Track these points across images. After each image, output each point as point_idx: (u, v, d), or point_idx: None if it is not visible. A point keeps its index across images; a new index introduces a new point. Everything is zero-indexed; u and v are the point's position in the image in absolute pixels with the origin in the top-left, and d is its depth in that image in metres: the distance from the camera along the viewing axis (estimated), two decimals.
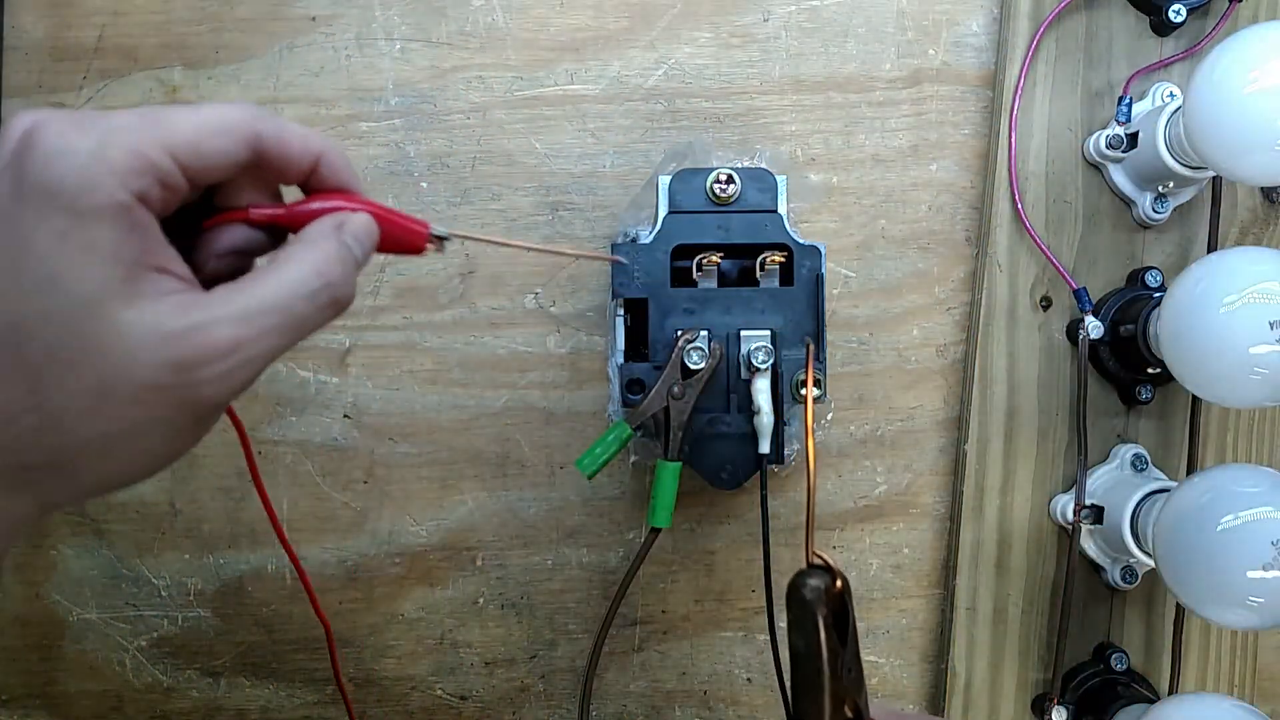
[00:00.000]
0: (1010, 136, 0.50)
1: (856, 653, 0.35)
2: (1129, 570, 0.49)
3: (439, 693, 0.52)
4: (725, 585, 0.52)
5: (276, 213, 0.29)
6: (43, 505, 0.27)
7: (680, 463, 0.44)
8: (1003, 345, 0.51)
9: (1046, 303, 0.51)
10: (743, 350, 0.45)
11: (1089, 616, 0.51)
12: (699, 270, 0.46)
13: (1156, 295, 0.48)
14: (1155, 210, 0.50)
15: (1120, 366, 0.50)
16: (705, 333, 0.44)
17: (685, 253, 0.45)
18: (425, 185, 0.51)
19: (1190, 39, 0.51)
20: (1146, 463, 0.50)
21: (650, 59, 0.52)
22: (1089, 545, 0.50)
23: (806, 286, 0.46)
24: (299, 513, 0.51)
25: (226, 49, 0.51)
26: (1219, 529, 0.40)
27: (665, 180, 0.46)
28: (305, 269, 0.28)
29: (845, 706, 0.33)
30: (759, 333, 0.45)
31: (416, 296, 0.51)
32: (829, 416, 0.51)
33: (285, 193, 0.31)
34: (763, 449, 0.45)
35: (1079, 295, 0.49)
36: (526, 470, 0.51)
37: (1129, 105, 0.49)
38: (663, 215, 0.45)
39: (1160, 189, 0.49)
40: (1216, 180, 0.50)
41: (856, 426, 0.52)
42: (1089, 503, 0.48)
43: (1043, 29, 0.50)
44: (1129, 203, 0.51)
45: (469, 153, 0.51)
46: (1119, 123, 0.49)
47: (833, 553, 0.52)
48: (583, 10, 0.51)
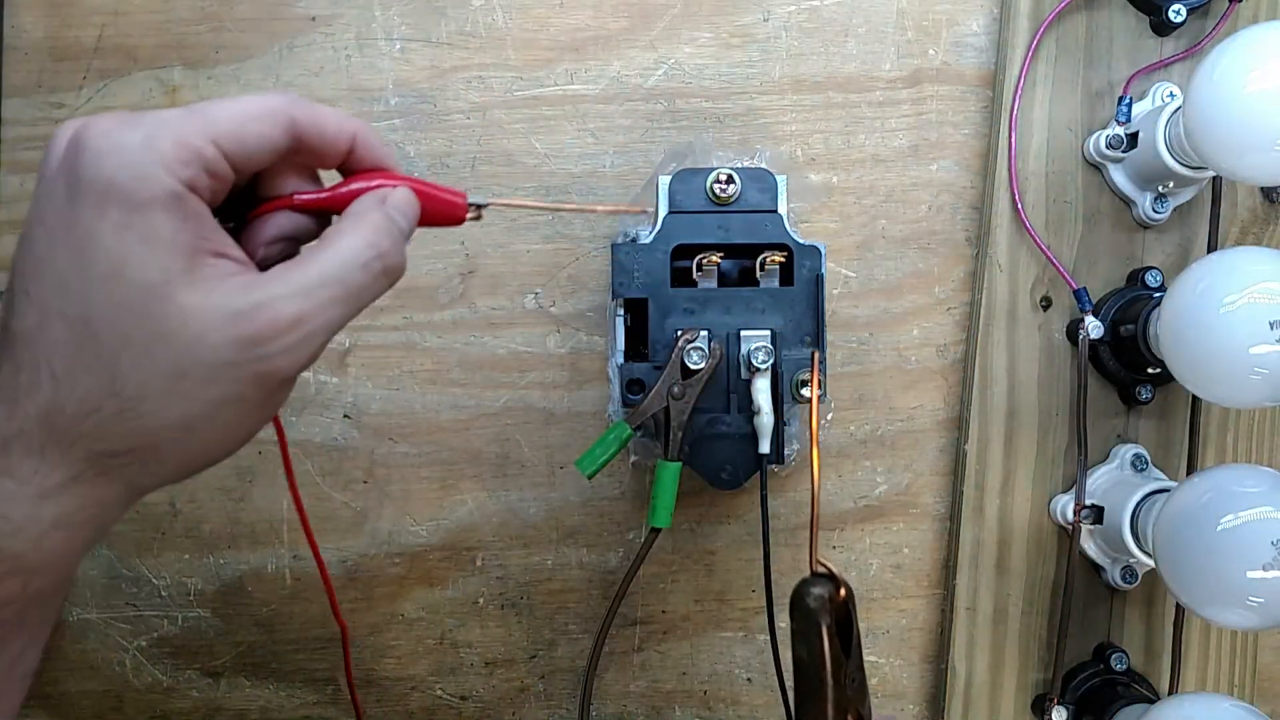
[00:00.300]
0: (1010, 136, 0.50)
1: (860, 662, 0.35)
2: (1129, 570, 0.49)
3: (439, 693, 0.52)
4: (725, 585, 0.52)
5: (320, 196, 0.31)
6: (132, 489, 0.28)
7: (680, 463, 0.44)
8: (1003, 345, 0.51)
9: (1046, 303, 0.51)
10: (743, 350, 0.45)
11: (1089, 616, 0.51)
12: (699, 270, 0.46)
13: (1157, 295, 0.48)
14: (1155, 210, 0.50)
15: (1120, 366, 0.50)
16: (705, 333, 0.44)
17: (685, 253, 0.45)
18: None
19: (1190, 39, 0.51)
20: (1146, 463, 0.50)
21: (650, 59, 0.52)
22: (1089, 545, 0.50)
23: (806, 286, 0.46)
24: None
25: (226, 49, 0.51)
26: (1219, 529, 0.40)
27: (665, 180, 0.46)
28: (357, 241, 0.29)
29: (848, 715, 0.33)
30: (759, 333, 0.45)
31: (416, 296, 0.51)
32: (829, 417, 0.51)
33: (324, 179, 0.32)
34: (763, 449, 0.45)
35: (1079, 295, 0.49)
36: (526, 470, 0.51)
37: (1129, 105, 0.49)
38: (663, 215, 0.45)
39: (1160, 189, 0.49)
40: (1217, 180, 0.50)
41: (857, 426, 0.52)
42: (1089, 503, 0.48)
43: (1043, 29, 0.50)
44: (1129, 202, 0.50)
45: (469, 153, 0.51)
46: (1119, 123, 0.49)
47: (832, 553, 0.52)
48: (582, 10, 0.51)
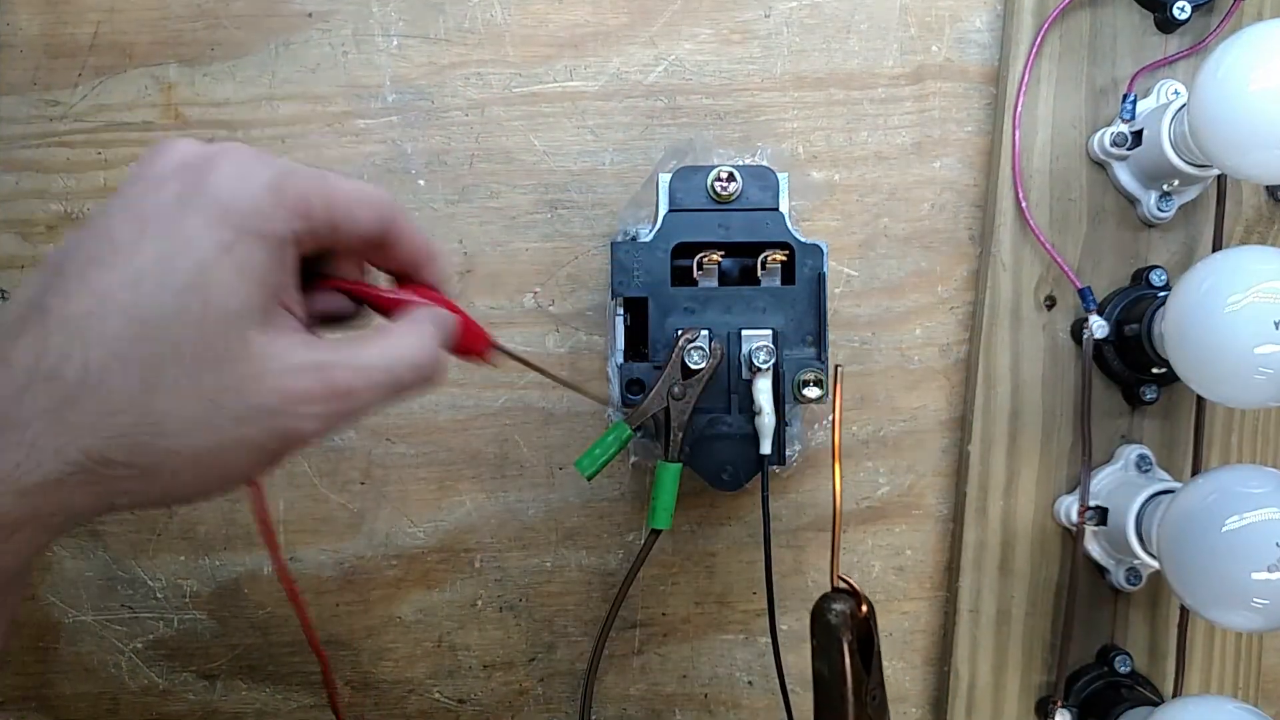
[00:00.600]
0: (1014, 134, 0.49)
1: (880, 678, 0.34)
2: (1133, 572, 0.49)
3: (437, 696, 0.51)
4: (726, 587, 0.52)
5: (389, 296, 0.33)
6: (107, 505, 0.27)
7: (680, 464, 0.44)
8: (1006, 345, 0.50)
9: (1051, 302, 0.50)
10: (744, 350, 0.44)
11: (1093, 619, 0.50)
12: (700, 269, 0.45)
13: (1161, 294, 0.48)
14: (1160, 208, 0.49)
15: (1125, 366, 0.49)
16: (706, 332, 0.44)
17: (686, 251, 0.45)
18: (423, 183, 0.51)
19: (1195, 36, 0.50)
20: (1151, 463, 0.50)
21: (650, 55, 0.51)
22: (1093, 547, 0.50)
23: (808, 285, 0.45)
24: (295, 514, 0.51)
25: (222, 46, 0.51)
26: (1224, 530, 0.40)
27: (665, 178, 0.45)
28: (414, 343, 0.31)
29: None
30: (760, 332, 0.45)
31: None
32: (830, 417, 0.51)
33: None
34: (764, 450, 0.44)
35: (1083, 294, 0.48)
36: (525, 471, 0.51)
37: (1133, 103, 0.49)
38: (663, 213, 0.45)
39: (1165, 187, 0.49)
40: (1221, 178, 0.49)
41: (859, 427, 0.52)
42: (1093, 504, 0.48)
43: (1047, 25, 0.49)
44: (1134, 201, 0.50)
45: (467, 150, 0.51)
46: (1123, 120, 0.49)
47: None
48: (582, 6, 0.51)
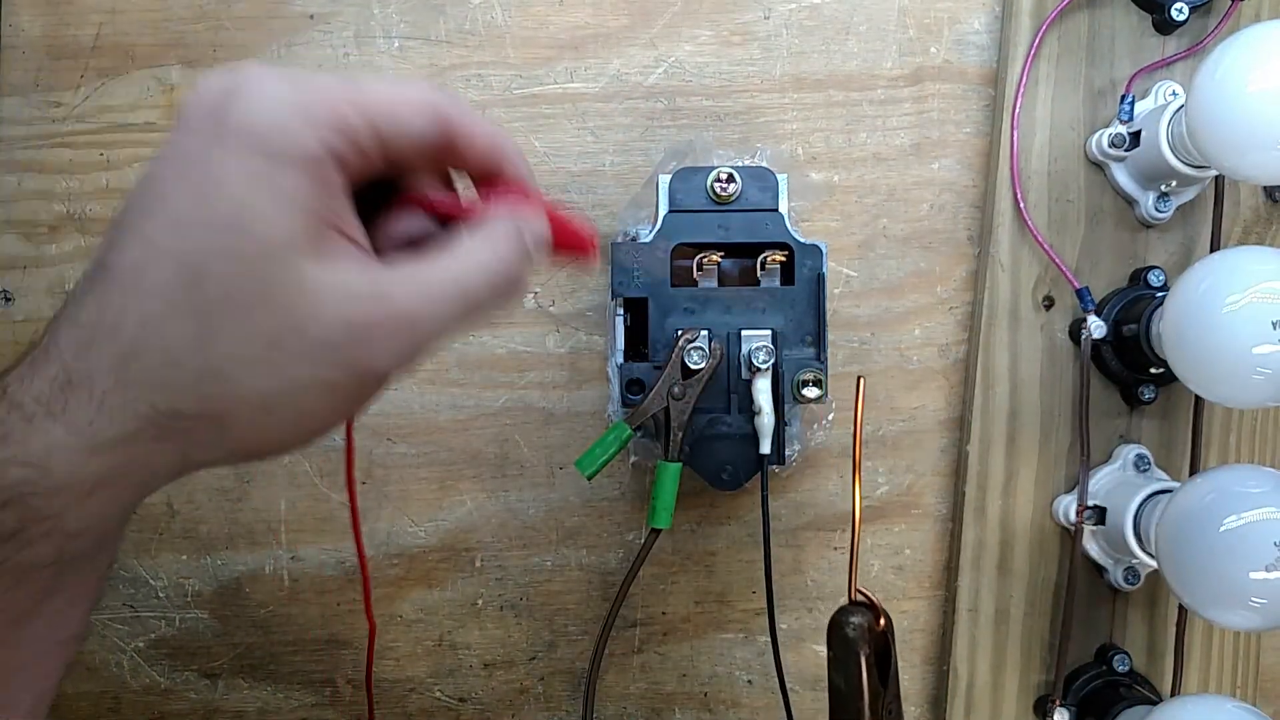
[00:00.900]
0: (1012, 135, 0.50)
1: (897, 691, 0.34)
2: (1131, 571, 0.49)
3: (437, 694, 0.52)
4: (726, 587, 0.52)
5: (458, 204, 0.30)
6: (184, 461, 0.26)
7: (680, 463, 0.44)
8: (1005, 345, 0.50)
9: (1049, 302, 0.50)
10: (743, 350, 0.45)
11: (1091, 618, 0.50)
12: (699, 269, 0.45)
13: (1159, 295, 0.48)
14: (1158, 209, 0.49)
15: (1123, 366, 0.49)
16: (705, 332, 0.44)
17: (685, 252, 0.45)
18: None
19: (1193, 37, 0.50)
20: (1149, 463, 0.50)
21: (650, 57, 0.51)
22: (1091, 546, 0.50)
23: (808, 286, 0.45)
24: (297, 513, 0.51)
25: (224, 47, 0.51)
26: (1222, 530, 0.40)
27: (665, 179, 0.45)
28: (486, 254, 0.28)
29: None
30: (760, 332, 0.45)
31: None
32: (830, 417, 0.51)
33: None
34: (763, 450, 0.44)
35: (1081, 295, 0.48)
36: (526, 471, 0.51)
37: (1131, 104, 0.49)
38: (663, 214, 0.45)
39: (1163, 188, 0.49)
40: (1219, 179, 0.49)
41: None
42: (1091, 503, 0.48)
43: (1045, 27, 0.49)
44: (1132, 202, 0.50)
45: None
46: (1121, 121, 0.49)
47: (833, 554, 0.52)
48: (582, 8, 0.51)
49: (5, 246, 0.51)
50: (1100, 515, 0.48)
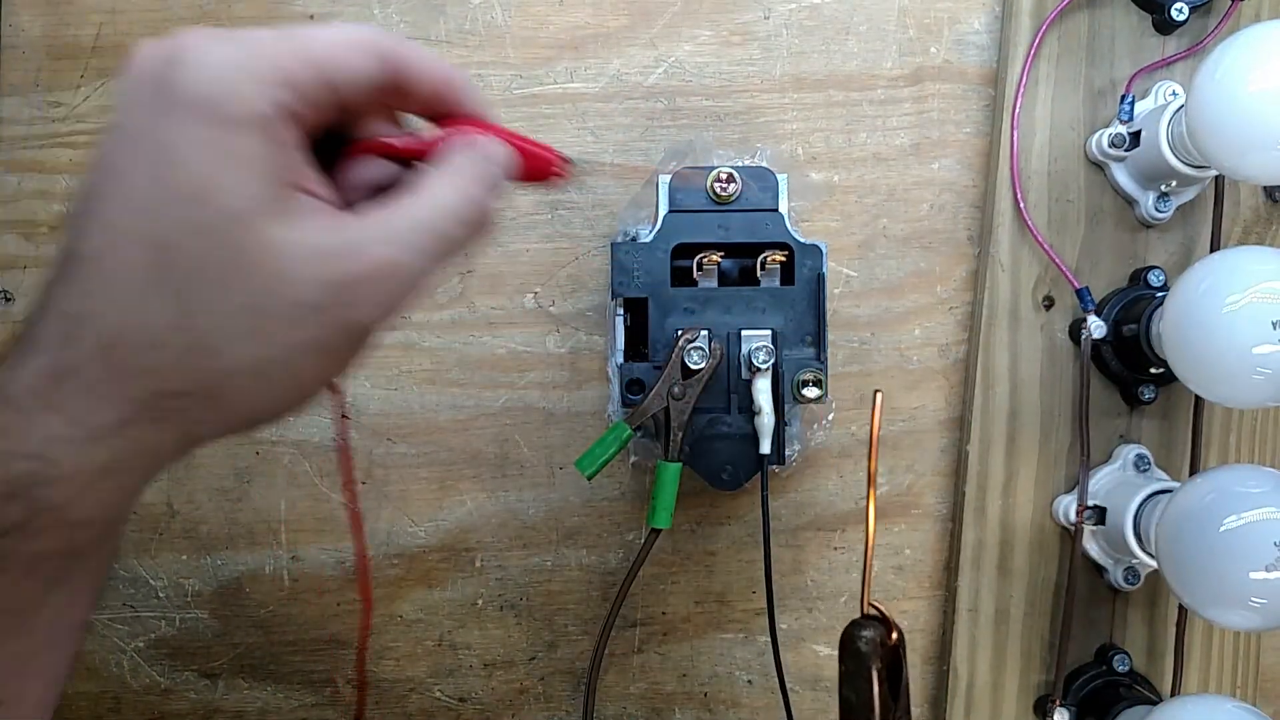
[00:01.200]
0: (1012, 135, 0.50)
1: (908, 705, 0.34)
2: (1131, 571, 0.49)
3: (437, 694, 0.52)
4: (726, 587, 0.52)
5: (414, 143, 0.29)
6: (186, 438, 0.26)
7: (680, 463, 0.44)
8: (1005, 345, 0.50)
9: (1049, 302, 0.50)
10: (743, 350, 0.45)
11: (1091, 618, 0.50)
12: (699, 269, 0.45)
13: (1159, 295, 0.48)
14: (1158, 209, 0.49)
15: (1123, 366, 0.49)
16: (705, 332, 0.44)
17: (686, 252, 0.45)
18: None
19: (1192, 37, 0.50)
20: (1149, 463, 0.50)
21: (650, 57, 0.51)
22: (1091, 546, 0.50)
23: (808, 286, 0.45)
24: (297, 513, 0.51)
25: None
26: (1222, 530, 0.40)
27: (665, 179, 0.45)
28: (452, 191, 0.28)
29: None
30: (760, 332, 0.45)
31: None
32: (830, 417, 0.51)
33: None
34: (763, 449, 0.44)
35: (1081, 295, 0.48)
36: (526, 471, 0.51)
37: (1131, 104, 0.49)
38: (663, 214, 0.45)
39: (1163, 188, 0.49)
40: (1219, 179, 0.49)
41: (858, 427, 0.52)
42: (1091, 503, 0.48)
43: (1045, 27, 0.49)
44: (1132, 202, 0.50)
45: None
46: (1121, 121, 0.49)
47: (833, 554, 0.52)
48: (582, 8, 0.51)
49: (5, 246, 0.51)
50: (1100, 515, 0.48)
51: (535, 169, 0.31)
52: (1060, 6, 0.49)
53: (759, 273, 0.45)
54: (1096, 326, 0.48)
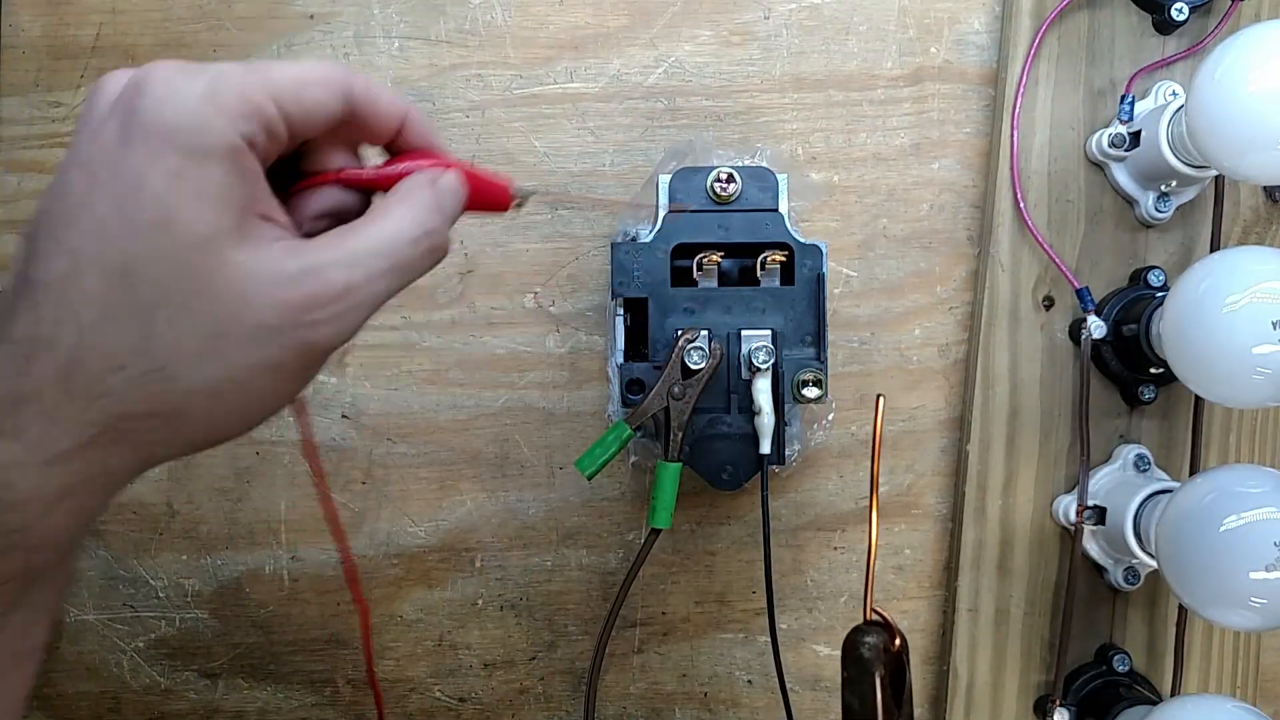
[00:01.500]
0: (1012, 135, 0.50)
1: (911, 712, 0.34)
2: (1131, 571, 0.49)
3: (437, 695, 0.52)
4: (726, 587, 0.52)
5: (372, 174, 0.30)
6: (144, 459, 0.27)
7: (680, 463, 0.44)
8: (1005, 345, 0.50)
9: (1049, 302, 0.50)
10: (743, 350, 0.45)
11: (1091, 618, 0.50)
12: (699, 269, 0.45)
13: (1159, 295, 0.48)
14: (1158, 209, 0.49)
15: (1123, 366, 0.49)
16: (705, 332, 0.44)
17: (685, 252, 0.45)
18: None
19: (1192, 38, 0.50)
20: (1149, 463, 0.50)
21: (650, 57, 0.51)
22: (1091, 546, 0.50)
23: (808, 286, 0.45)
24: (297, 514, 0.51)
25: (224, 47, 0.51)
26: (1222, 530, 0.40)
27: (665, 179, 0.45)
28: (406, 217, 0.29)
29: None
30: (760, 332, 0.45)
31: (415, 296, 0.51)
32: (830, 417, 0.51)
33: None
34: (763, 449, 0.44)
35: (1081, 295, 0.48)
36: (526, 471, 0.51)
37: (1131, 104, 0.49)
38: (663, 214, 0.45)
39: (1163, 188, 0.49)
40: (1219, 179, 0.49)
41: (858, 427, 0.52)
42: (1091, 503, 0.48)
43: (1045, 27, 0.49)
44: (1131, 202, 0.50)
45: (468, 151, 0.51)
46: (1121, 121, 0.49)
47: (833, 554, 0.52)
48: (582, 8, 0.51)
49: (5, 246, 0.51)
50: (1100, 515, 0.48)
51: (488, 198, 0.32)
52: (1060, 6, 0.49)
53: (759, 273, 0.45)
54: (1096, 326, 0.48)
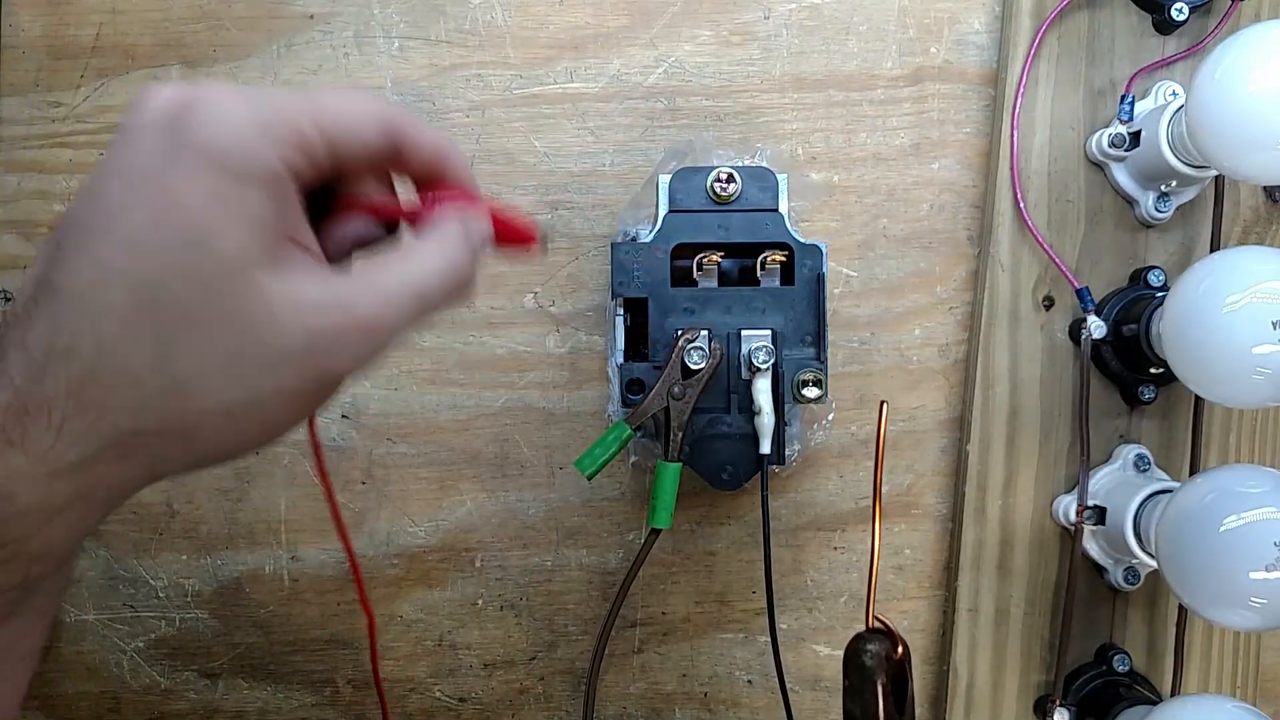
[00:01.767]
0: (1012, 135, 0.50)
1: (913, 718, 0.34)
2: (1131, 571, 0.49)
3: (437, 695, 0.52)
4: (726, 587, 0.52)
5: (405, 209, 0.31)
6: (149, 474, 0.26)
7: (680, 463, 0.44)
8: (1005, 345, 0.50)
9: (1049, 302, 0.50)
10: (743, 350, 0.45)
11: (1091, 618, 0.50)
12: (699, 269, 0.45)
13: (1159, 295, 0.48)
14: (1158, 209, 0.49)
15: (1123, 366, 0.49)
16: (705, 332, 0.44)
17: (685, 252, 0.45)
18: None
19: (1192, 37, 0.50)
20: (1149, 463, 0.50)
21: (650, 57, 0.51)
22: (1091, 546, 0.50)
23: (808, 286, 0.45)
24: (297, 513, 0.51)
25: (224, 47, 0.51)
26: (1222, 530, 0.40)
27: (665, 179, 0.45)
28: (438, 256, 0.29)
29: None
30: (760, 332, 0.45)
31: None
32: (830, 417, 0.51)
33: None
34: (763, 449, 0.44)
35: (1081, 295, 0.48)
36: (526, 471, 0.51)
37: (1131, 104, 0.49)
38: (663, 214, 0.45)
39: (1163, 188, 0.49)
40: (1219, 179, 0.49)
41: (858, 427, 0.52)
42: (1091, 503, 0.48)
43: (1045, 27, 0.49)
44: (1131, 202, 0.50)
45: (468, 151, 0.51)
46: (1121, 121, 0.49)
47: (833, 554, 0.52)
48: (582, 8, 0.51)
49: (5, 246, 0.51)
50: (1100, 515, 0.48)
51: (513, 239, 0.32)
52: (1060, 6, 0.49)
53: (759, 273, 0.45)
54: (1096, 326, 0.48)
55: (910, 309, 0.52)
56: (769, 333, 0.45)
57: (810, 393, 0.45)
